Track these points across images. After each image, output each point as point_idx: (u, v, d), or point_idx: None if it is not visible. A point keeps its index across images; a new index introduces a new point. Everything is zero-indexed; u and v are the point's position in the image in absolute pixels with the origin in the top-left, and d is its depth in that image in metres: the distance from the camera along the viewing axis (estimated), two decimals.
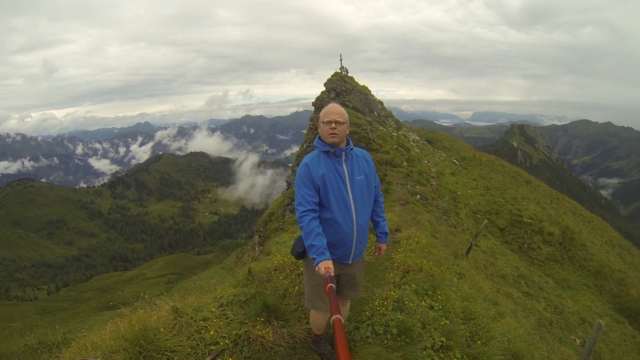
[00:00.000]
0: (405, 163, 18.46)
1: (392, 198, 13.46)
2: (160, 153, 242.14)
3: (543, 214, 18.35)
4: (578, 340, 8.50)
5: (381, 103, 28.62)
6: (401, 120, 36.01)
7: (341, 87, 24.41)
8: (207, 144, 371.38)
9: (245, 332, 2.71)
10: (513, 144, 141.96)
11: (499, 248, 14.77)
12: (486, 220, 15.38)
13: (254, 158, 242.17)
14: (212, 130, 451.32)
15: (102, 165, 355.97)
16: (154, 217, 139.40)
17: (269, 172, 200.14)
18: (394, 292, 3.89)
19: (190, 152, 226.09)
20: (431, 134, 31.70)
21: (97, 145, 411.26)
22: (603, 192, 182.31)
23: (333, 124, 2.36)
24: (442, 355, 3.19)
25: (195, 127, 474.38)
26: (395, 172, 16.92)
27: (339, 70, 26.68)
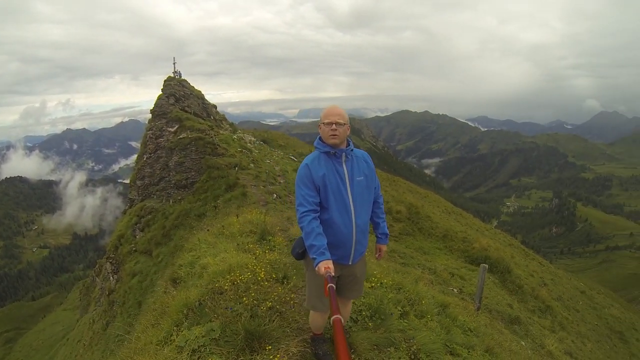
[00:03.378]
0: (252, 165, 19.31)
1: (252, 200, 14.00)
2: None
3: (387, 196, 21.61)
4: (455, 290, 10.72)
5: (215, 107, 28.90)
6: None
7: (180, 92, 23.41)
8: (25, 165, 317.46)
9: None
10: None
11: None
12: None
13: (80, 177, 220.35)
14: (30, 149, 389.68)
15: None
16: None
17: (99, 190, 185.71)
18: None
19: (6, 178, 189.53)
20: (265, 134, 33.54)
21: None
22: (427, 171, 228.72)
23: (334, 125, 2.49)
24: (406, 320, 3.85)
25: (9, 146, 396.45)
26: (245, 174, 17.59)
27: (172, 75, 25.38)
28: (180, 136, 21.03)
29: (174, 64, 25.91)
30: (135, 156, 26.04)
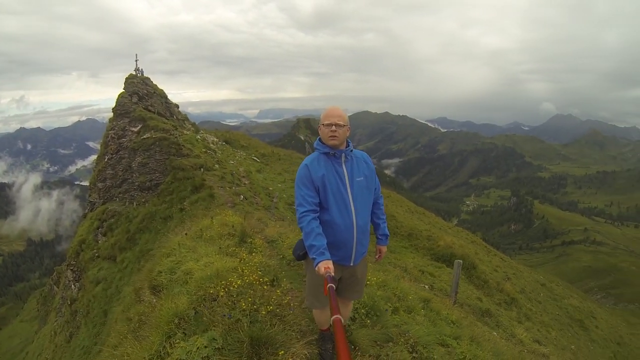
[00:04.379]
0: (217, 165, 19.22)
1: (220, 202, 13.93)
2: None
3: None
4: (427, 286, 11.16)
5: (177, 106, 28.31)
6: None
7: (143, 91, 22.58)
8: None
9: None
10: (300, 137, 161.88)
11: None
12: None
13: (35, 179, 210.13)
14: None
15: None
16: None
17: (55, 193, 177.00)
18: None
19: None
20: (227, 134, 33.64)
21: None
22: (387, 171, 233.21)
23: (333, 126, 2.55)
24: (398, 316, 4.06)
25: None
26: (211, 175, 17.52)
27: (134, 72, 24.45)
28: (144, 136, 20.38)
29: (136, 60, 25.00)
30: (93, 157, 24.99)
